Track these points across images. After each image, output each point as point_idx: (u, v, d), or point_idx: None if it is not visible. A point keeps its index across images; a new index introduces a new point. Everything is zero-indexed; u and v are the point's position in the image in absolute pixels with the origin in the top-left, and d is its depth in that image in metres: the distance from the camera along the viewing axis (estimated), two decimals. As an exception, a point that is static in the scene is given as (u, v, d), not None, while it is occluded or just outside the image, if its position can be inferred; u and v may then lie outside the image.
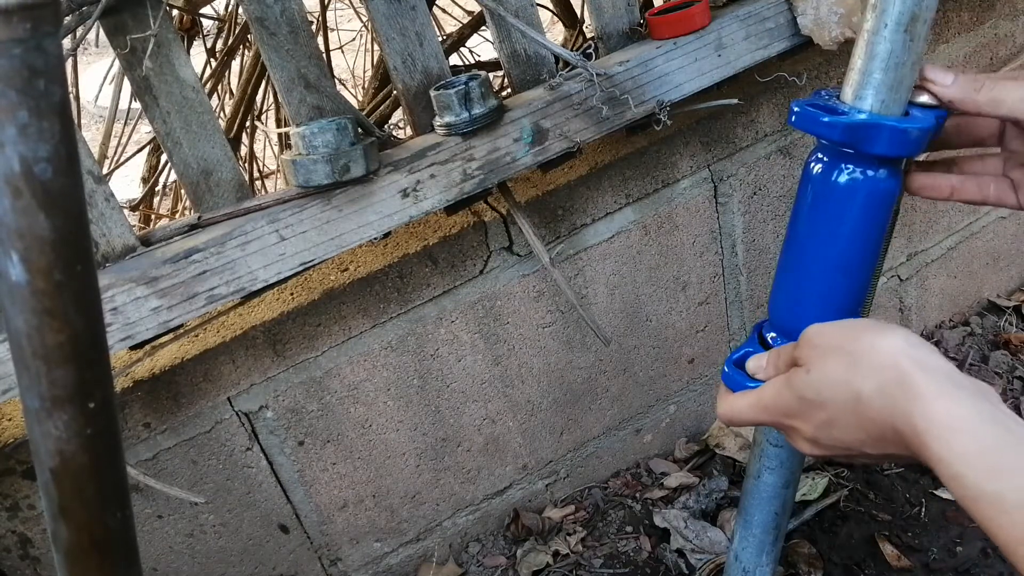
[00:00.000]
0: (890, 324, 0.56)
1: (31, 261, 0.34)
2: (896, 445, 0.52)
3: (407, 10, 0.86)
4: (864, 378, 0.53)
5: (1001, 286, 1.61)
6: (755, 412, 0.63)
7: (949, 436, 0.48)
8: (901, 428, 0.51)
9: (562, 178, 1.09)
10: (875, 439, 0.54)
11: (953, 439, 0.47)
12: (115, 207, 0.79)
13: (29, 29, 0.31)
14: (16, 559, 0.95)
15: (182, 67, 0.78)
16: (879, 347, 0.54)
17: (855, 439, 0.55)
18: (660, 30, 0.96)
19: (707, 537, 1.21)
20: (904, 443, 0.51)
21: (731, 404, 0.66)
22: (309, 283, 1.01)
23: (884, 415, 0.52)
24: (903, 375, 0.51)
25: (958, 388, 0.49)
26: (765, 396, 0.62)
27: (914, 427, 0.49)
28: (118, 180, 2.75)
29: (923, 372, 0.51)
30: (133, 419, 0.95)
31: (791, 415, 0.60)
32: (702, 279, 1.25)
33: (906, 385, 0.51)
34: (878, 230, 0.69)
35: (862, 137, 0.64)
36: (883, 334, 0.54)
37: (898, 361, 0.52)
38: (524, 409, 1.21)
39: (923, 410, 0.49)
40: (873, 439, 0.54)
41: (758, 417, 0.63)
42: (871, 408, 0.53)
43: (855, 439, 0.55)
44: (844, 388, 0.55)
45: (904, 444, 0.51)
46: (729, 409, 0.66)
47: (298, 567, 1.14)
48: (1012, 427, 0.47)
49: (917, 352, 0.52)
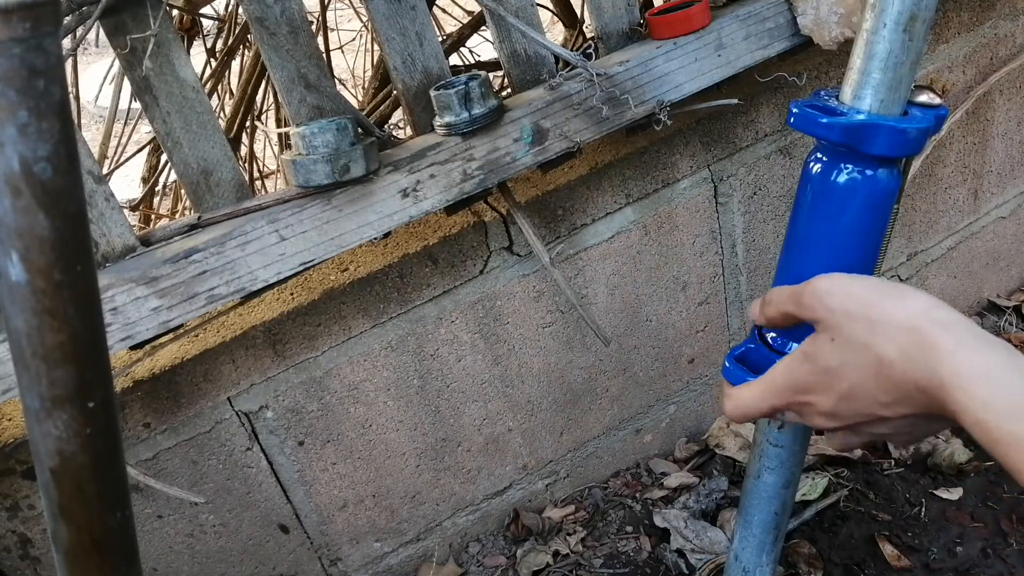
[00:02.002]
0: (907, 287, 0.57)
1: (31, 261, 0.34)
2: (919, 404, 0.53)
3: (407, 10, 0.86)
4: (886, 341, 0.54)
5: (1001, 286, 1.61)
6: (767, 397, 0.63)
7: (970, 384, 0.49)
8: (925, 385, 0.52)
9: (562, 178, 1.09)
10: (897, 401, 0.54)
11: (974, 387, 0.49)
12: (115, 207, 0.79)
13: (29, 29, 0.31)
14: (16, 559, 0.95)
15: (182, 67, 0.78)
16: (899, 310, 0.54)
17: (876, 404, 0.56)
18: (660, 30, 0.96)
19: (707, 537, 1.21)
20: (928, 400, 0.52)
21: (737, 398, 0.65)
22: (309, 283, 1.01)
23: (908, 376, 0.53)
24: (924, 336, 0.52)
25: (978, 339, 0.51)
26: (777, 377, 0.62)
27: (940, 381, 0.50)
28: (118, 180, 2.75)
29: (944, 329, 0.52)
30: (133, 419, 0.95)
31: (808, 390, 0.60)
32: (702, 279, 1.25)
33: (928, 345, 0.51)
34: (877, 230, 0.69)
35: (861, 138, 0.64)
36: (902, 298, 0.55)
37: (919, 323, 0.53)
38: (524, 409, 1.21)
39: (947, 364, 0.50)
40: (896, 401, 0.55)
41: (771, 403, 0.63)
42: (894, 371, 0.53)
43: (876, 404, 0.56)
44: (865, 354, 0.55)
45: (927, 402, 0.52)
46: (736, 404, 0.65)
47: (298, 567, 1.14)
48: None
49: (937, 312, 0.53)
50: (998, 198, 1.50)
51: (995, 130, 1.41)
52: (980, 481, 1.26)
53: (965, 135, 1.38)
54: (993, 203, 1.50)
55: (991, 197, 1.49)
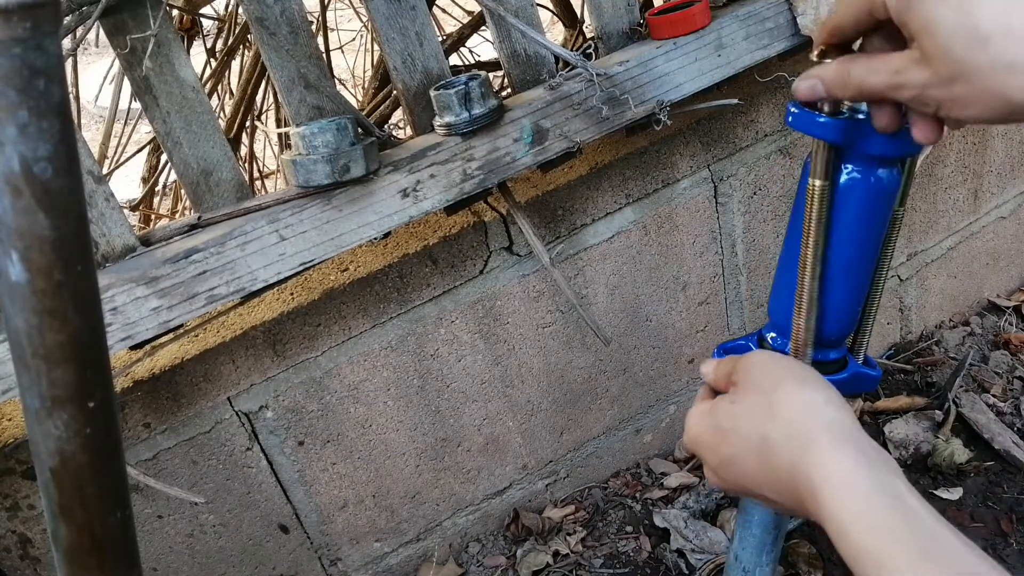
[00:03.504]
0: (816, 377, 0.57)
1: (31, 261, 0.34)
2: (791, 495, 0.53)
3: (407, 10, 0.86)
4: (774, 423, 0.54)
5: (1001, 286, 1.61)
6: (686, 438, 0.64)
7: (841, 493, 0.48)
8: (798, 478, 0.51)
9: (562, 178, 1.09)
10: (772, 483, 0.54)
11: (845, 496, 0.48)
12: (115, 207, 0.79)
13: (29, 29, 0.31)
14: (16, 559, 0.95)
15: (182, 67, 0.78)
16: (795, 399, 0.54)
17: (753, 480, 0.56)
18: (660, 30, 0.96)
19: (707, 537, 1.21)
20: (798, 493, 0.51)
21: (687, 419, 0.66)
22: (309, 283, 1.01)
23: (784, 462, 0.53)
24: (810, 430, 0.52)
25: (858, 451, 0.50)
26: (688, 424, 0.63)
27: (810, 480, 0.50)
28: (118, 180, 2.74)
29: (828, 431, 0.51)
30: (133, 419, 0.95)
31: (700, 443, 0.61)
32: (702, 279, 1.25)
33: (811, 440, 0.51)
34: (878, 229, 0.68)
35: (859, 137, 0.64)
36: (802, 387, 0.55)
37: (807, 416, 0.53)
38: (524, 409, 1.21)
39: (822, 465, 0.50)
40: (770, 483, 0.55)
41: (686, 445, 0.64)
42: (774, 453, 0.53)
43: (753, 480, 0.56)
44: (754, 428, 0.55)
45: (798, 495, 0.51)
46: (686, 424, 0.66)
47: (298, 567, 1.14)
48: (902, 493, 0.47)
49: (828, 408, 0.53)
50: (998, 198, 1.50)
51: (995, 130, 1.41)
52: (980, 481, 1.26)
53: (965, 135, 1.38)
54: (993, 203, 1.50)
55: (991, 197, 1.49)
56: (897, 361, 1.49)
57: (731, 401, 0.59)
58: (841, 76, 0.57)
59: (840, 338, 0.71)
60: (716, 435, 0.59)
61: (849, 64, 0.56)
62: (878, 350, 1.51)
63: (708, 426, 0.60)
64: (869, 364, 0.74)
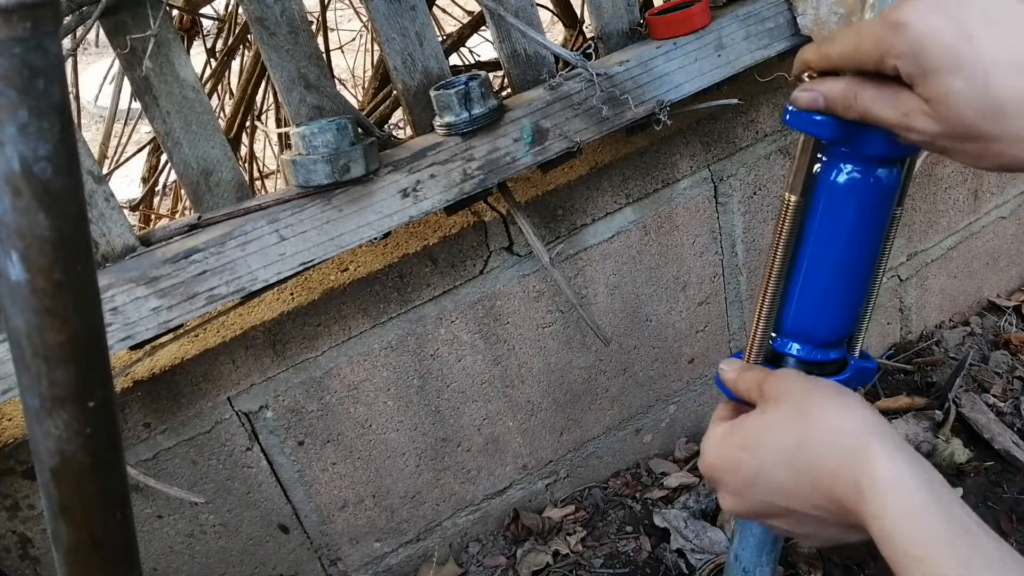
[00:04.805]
0: (846, 388, 0.57)
1: (31, 260, 0.34)
2: (827, 500, 0.52)
3: (407, 10, 0.86)
4: (811, 430, 0.53)
5: (1001, 286, 1.61)
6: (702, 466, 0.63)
7: (889, 494, 0.47)
8: (841, 482, 0.50)
9: (562, 178, 1.09)
10: (807, 491, 0.53)
11: (892, 498, 0.47)
12: (115, 207, 0.79)
13: (29, 28, 0.31)
14: (16, 559, 0.95)
15: (182, 67, 0.78)
16: (835, 404, 0.54)
17: (783, 491, 0.55)
18: (660, 30, 0.96)
19: (707, 537, 1.21)
20: (838, 497, 0.51)
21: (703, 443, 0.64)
22: (309, 283, 1.01)
23: (827, 466, 0.52)
24: (858, 435, 0.51)
25: (913, 457, 0.49)
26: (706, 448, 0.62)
27: (858, 482, 0.49)
28: (118, 180, 2.74)
29: (877, 435, 0.51)
30: (133, 419, 0.95)
31: (720, 468, 0.60)
32: (702, 279, 1.25)
33: (859, 444, 0.51)
34: (878, 229, 0.68)
35: (857, 137, 0.64)
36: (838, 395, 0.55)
37: (851, 421, 0.52)
38: (524, 409, 1.21)
39: (873, 465, 0.49)
40: (804, 492, 0.54)
41: (703, 473, 0.63)
42: (814, 458, 0.52)
43: (783, 491, 0.55)
44: (787, 437, 0.55)
45: (837, 498, 0.51)
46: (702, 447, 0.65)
47: (298, 567, 1.14)
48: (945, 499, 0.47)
49: (872, 415, 0.53)
50: (998, 198, 1.50)
51: (995, 130, 1.41)
52: (980, 481, 1.26)
53: (965, 135, 1.38)
54: (993, 203, 1.50)
55: (991, 197, 1.49)
56: (897, 361, 1.49)
57: (761, 412, 0.58)
58: (847, 99, 0.56)
59: (841, 338, 0.71)
60: (739, 452, 0.58)
61: (858, 88, 0.55)
62: (878, 350, 1.51)
63: (729, 446, 0.59)
64: (865, 357, 0.74)
